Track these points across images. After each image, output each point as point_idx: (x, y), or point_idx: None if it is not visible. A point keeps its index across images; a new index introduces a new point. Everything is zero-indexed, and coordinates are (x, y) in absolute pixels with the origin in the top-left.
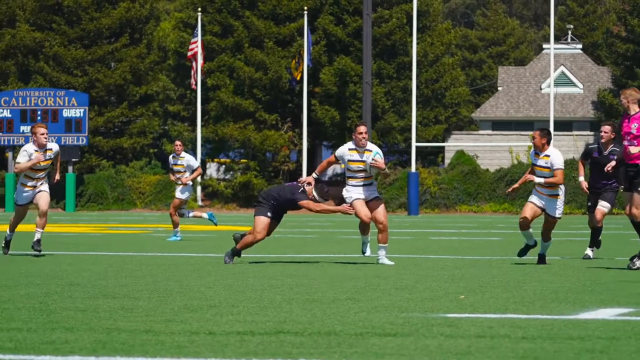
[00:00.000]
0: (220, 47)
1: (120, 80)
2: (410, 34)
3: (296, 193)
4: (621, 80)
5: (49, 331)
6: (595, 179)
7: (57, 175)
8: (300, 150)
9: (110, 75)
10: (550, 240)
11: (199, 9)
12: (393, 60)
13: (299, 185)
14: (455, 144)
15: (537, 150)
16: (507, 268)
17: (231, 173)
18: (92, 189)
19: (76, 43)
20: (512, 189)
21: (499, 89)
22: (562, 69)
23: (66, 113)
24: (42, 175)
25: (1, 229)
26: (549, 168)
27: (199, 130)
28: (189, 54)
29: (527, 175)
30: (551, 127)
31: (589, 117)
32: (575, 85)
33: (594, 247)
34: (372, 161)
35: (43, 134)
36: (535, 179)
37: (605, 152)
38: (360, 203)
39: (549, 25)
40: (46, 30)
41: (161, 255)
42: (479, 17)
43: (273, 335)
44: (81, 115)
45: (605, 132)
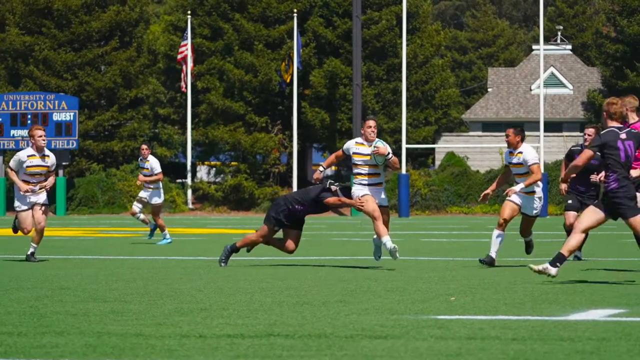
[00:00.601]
0: (210, 50)
1: (110, 84)
2: (400, 36)
3: (321, 192)
4: (611, 81)
5: (39, 335)
6: (577, 181)
7: (49, 183)
8: (290, 153)
9: (100, 78)
10: (531, 235)
11: (189, 12)
12: (383, 62)
13: (323, 186)
14: (445, 145)
15: (511, 149)
16: (498, 270)
17: (222, 176)
18: (83, 193)
19: (66, 46)
20: (484, 195)
21: (489, 90)
22: (552, 69)
23: (56, 117)
24: (41, 179)
25: (1, 234)
26: (522, 164)
27: (189, 133)
28: (179, 57)
29: (508, 190)
30: (541, 128)
31: (578, 118)
32: (565, 86)
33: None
34: (375, 148)
35: (41, 137)
36: (516, 188)
37: None
38: (371, 199)
39: (539, 26)
40: (36, 34)
41: (152, 258)
42: (469, 19)
43: (264, 338)
44: (71, 118)
45: (589, 135)
